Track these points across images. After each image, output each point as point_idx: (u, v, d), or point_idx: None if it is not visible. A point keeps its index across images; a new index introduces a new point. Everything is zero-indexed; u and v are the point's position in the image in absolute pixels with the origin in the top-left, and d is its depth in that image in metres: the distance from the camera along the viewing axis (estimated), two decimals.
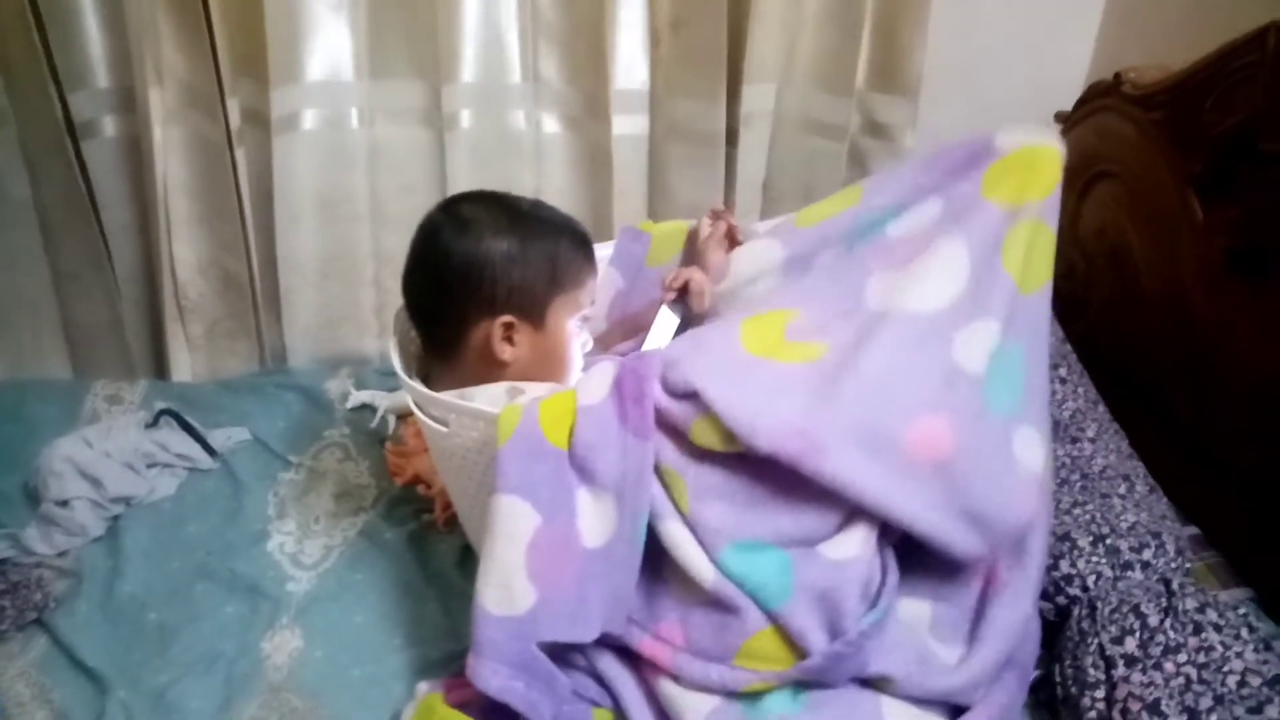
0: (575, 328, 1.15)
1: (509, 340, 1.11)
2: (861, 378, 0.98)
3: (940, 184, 1.12)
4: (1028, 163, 1.08)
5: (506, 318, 1.10)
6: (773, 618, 0.95)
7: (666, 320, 1.23)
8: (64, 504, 1.33)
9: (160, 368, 1.76)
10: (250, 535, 1.35)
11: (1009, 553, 1.05)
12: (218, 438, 1.51)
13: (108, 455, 1.40)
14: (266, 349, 1.80)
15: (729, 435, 0.95)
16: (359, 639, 1.19)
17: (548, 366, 1.12)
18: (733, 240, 1.31)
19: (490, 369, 1.11)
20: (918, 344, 1.01)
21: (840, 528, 0.99)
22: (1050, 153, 1.09)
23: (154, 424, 1.50)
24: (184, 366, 1.75)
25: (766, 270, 1.21)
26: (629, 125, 1.64)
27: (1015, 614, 1.03)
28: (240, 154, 1.59)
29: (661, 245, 1.39)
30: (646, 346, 1.18)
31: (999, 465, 1.00)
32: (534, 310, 1.11)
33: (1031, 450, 1.02)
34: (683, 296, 1.22)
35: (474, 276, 1.08)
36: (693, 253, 1.33)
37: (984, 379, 1.00)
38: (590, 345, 1.21)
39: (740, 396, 0.96)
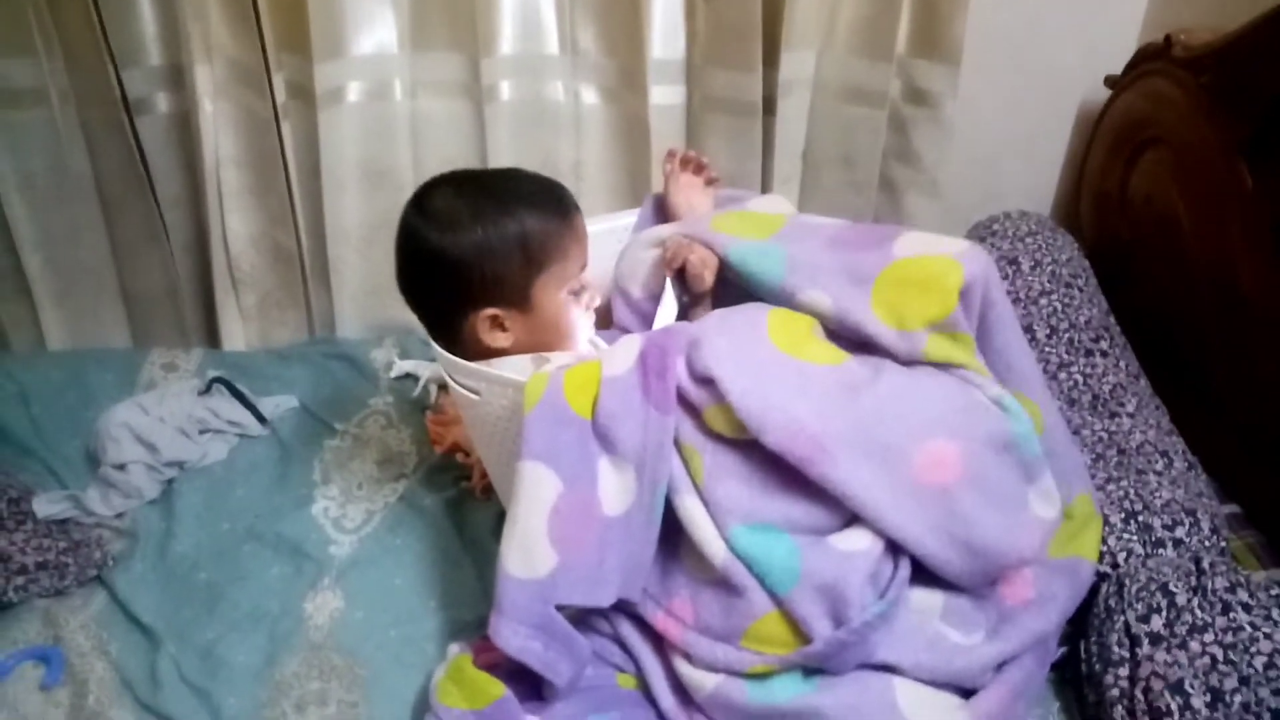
0: (568, 297, 1.13)
1: (500, 328, 1.11)
2: (882, 390, 1.00)
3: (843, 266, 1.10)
4: (921, 281, 1.06)
5: (489, 310, 1.09)
6: (779, 602, 0.97)
7: (670, 299, 1.20)
8: (121, 467, 1.39)
9: (213, 336, 1.82)
10: (296, 499, 1.40)
11: (1038, 576, 1.05)
12: (267, 405, 1.56)
13: (162, 421, 1.46)
14: (316, 318, 1.85)
15: (741, 425, 0.96)
16: (397, 601, 1.23)
17: (551, 339, 1.13)
18: (707, 178, 1.30)
19: (491, 353, 1.12)
20: (940, 370, 1.03)
21: (851, 521, 1.00)
22: (946, 263, 1.06)
23: (206, 391, 1.56)
24: (237, 335, 1.81)
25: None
26: (666, 95, 1.63)
27: (1042, 623, 1.03)
28: (286, 128, 1.63)
29: None
30: (657, 323, 1.18)
31: (1007, 502, 1.01)
32: (516, 296, 1.10)
33: (1046, 500, 1.06)
34: (681, 277, 1.19)
35: (449, 275, 1.08)
36: (673, 205, 1.29)
37: (1009, 417, 1.03)
38: (598, 301, 1.19)
39: (756, 389, 0.97)
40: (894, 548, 1.00)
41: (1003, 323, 1.12)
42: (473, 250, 1.06)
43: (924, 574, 1.01)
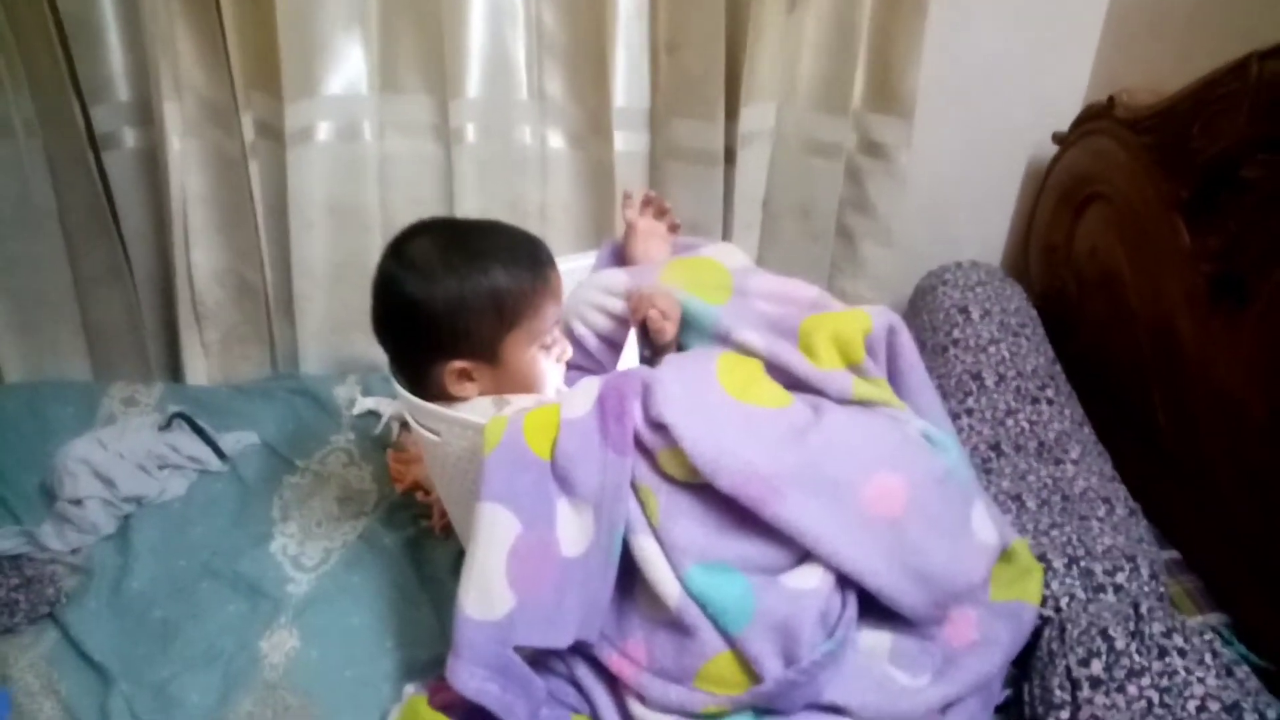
0: (538, 351, 1.14)
1: (468, 379, 1.12)
2: (826, 430, 1.04)
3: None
4: (834, 329, 1.14)
5: (459, 363, 1.11)
6: (731, 642, 0.98)
7: (633, 346, 1.21)
8: (78, 502, 1.38)
9: (176, 371, 1.81)
10: (254, 536, 1.40)
11: (981, 619, 1.09)
12: (228, 441, 1.56)
13: (121, 456, 1.46)
14: (279, 354, 1.85)
15: (694, 469, 0.99)
16: (353, 640, 1.23)
17: (518, 388, 1.15)
18: (670, 223, 1.33)
19: (456, 400, 1.13)
20: (871, 410, 1.09)
21: (803, 559, 1.02)
22: (856, 314, 1.16)
23: (167, 426, 1.56)
24: (199, 370, 1.80)
25: None
26: (630, 142, 1.67)
27: (986, 665, 1.06)
28: (254, 166, 1.64)
29: None
30: (620, 366, 1.20)
31: (952, 530, 1.06)
32: (485, 351, 1.11)
33: (986, 524, 1.11)
34: (644, 329, 1.20)
35: (420, 324, 1.09)
36: (630, 252, 1.33)
37: (938, 450, 1.09)
38: (569, 353, 1.21)
39: (707, 435, 0.99)
40: (842, 587, 1.02)
41: (913, 371, 1.18)
42: (445, 304, 1.08)
43: (871, 615, 1.04)
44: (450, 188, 1.69)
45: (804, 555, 1.02)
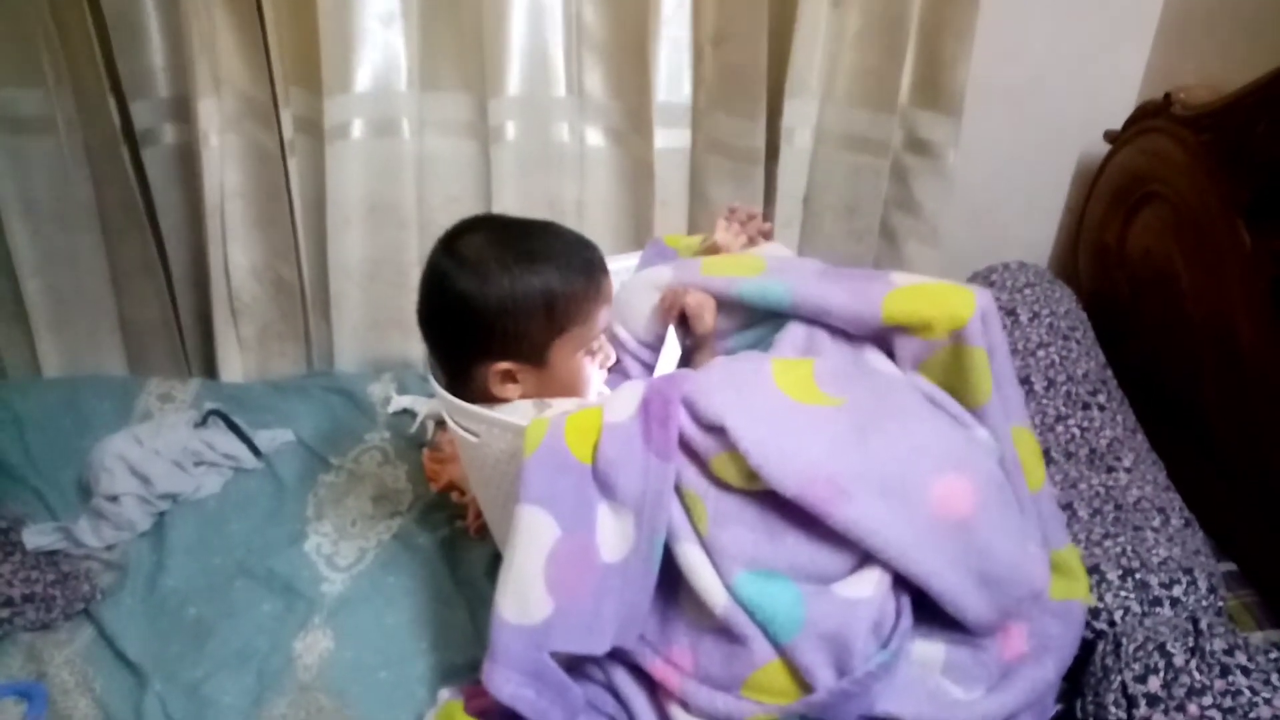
0: (583, 359, 1.13)
1: (511, 380, 1.11)
2: (888, 430, 1.00)
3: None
4: (931, 296, 1.11)
5: (504, 365, 1.09)
6: (781, 651, 0.96)
7: (673, 343, 1.20)
8: (114, 499, 1.38)
9: (211, 367, 1.81)
10: (289, 535, 1.39)
11: (1032, 630, 1.06)
12: (263, 438, 1.55)
13: (157, 453, 1.45)
14: (315, 351, 1.84)
15: (750, 474, 0.96)
16: (387, 642, 1.22)
17: (561, 392, 1.13)
18: (760, 229, 1.32)
19: (497, 401, 1.12)
20: (935, 408, 1.05)
21: (855, 568, 0.99)
22: (957, 288, 1.11)
23: (203, 423, 1.56)
24: (235, 367, 1.80)
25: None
26: (671, 139, 1.64)
27: (1040, 673, 1.03)
28: (293, 162, 1.64)
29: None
30: (658, 370, 1.18)
31: (1015, 534, 1.02)
32: (533, 354, 1.09)
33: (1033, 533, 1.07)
34: (683, 320, 1.20)
35: (468, 323, 1.08)
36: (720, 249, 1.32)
37: (994, 456, 1.05)
38: (613, 359, 1.20)
39: (769, 438, 0.96)
40: (896, 596, 0.99)
41: (1005, 362, 1.13)
42: (495, 304, 1.06)
43: (923, 627, 1.01)
44: (488, 185, 1.68)
45: (857, 564, 0.99)
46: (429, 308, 1.13)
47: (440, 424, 1.59)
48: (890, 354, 1.14)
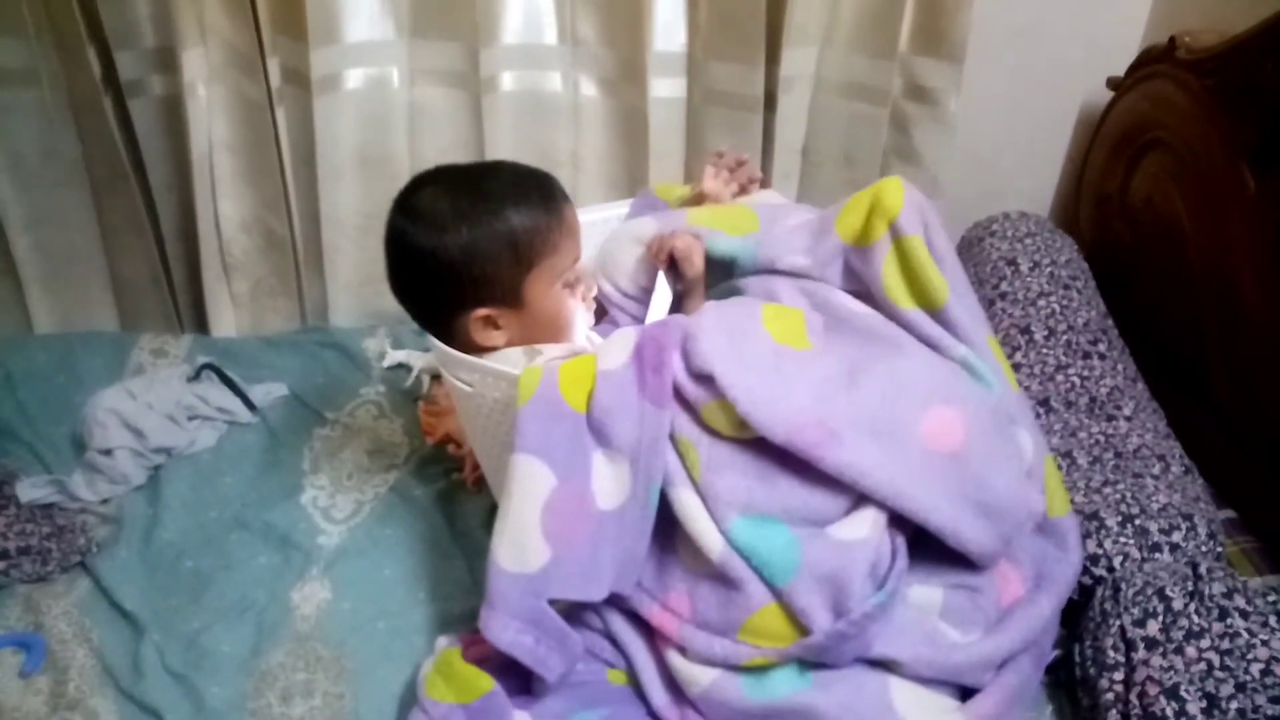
0: (562, 290, 1.11)
1: (494, 327, 1.10)
2: (876, 370, 0.99)
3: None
4: (866, 196, 1.11)
5: (482, 311, 1.08)
6: (777, 594, 0.95)
7: (664, 289, 1.19)
8: (108, 453, 1.37)
9: (203, 323, 1.79)
10: (285, 488, 1.38)
11: (1027, 573, 1.06)
12: (257, 392, 1.54)
13: (150, 407, 1.44)
14: (308, 306, 1.83)
15: (740, 423, 0.95)
16: (385, 593, 1.22)
17: (547, 334, 1.12)
18: (750, 176, 1.31)
19: (485, 349, 1.11)
20: (919, 341, 1.05)
21: (850, 510, 0.98)
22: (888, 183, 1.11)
23: (196, 377, 1.54)
24: (227, 322, 1.79)
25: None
26: (666, 88, 1.62)
27: (1035, 614, 1.03)
28: (281, 113, 1.61)
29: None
30: (649, 317, 1.17)
31: (1010, 460, 1.01)
32: (507, 295, 1.08)
33: (1028, 448, 1.07)
34: (673, 265, 1.18)
35: (437, 277, 1.06)
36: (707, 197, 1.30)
37: (980, 381, 1.05)
38: (594, 290, 1.19)
39: (757, 385, 0.95)
40: (892, 538, 0.99)
41: (956, 269, 1.12)
42: (460, 252, 1.04)
43: (921, 571, 1.00)
44: (481, 136, 1.65)
45: (851, 506, 0.98)
46: (397, 270, 1.11)
47: (435, 377, 1.58)
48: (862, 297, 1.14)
